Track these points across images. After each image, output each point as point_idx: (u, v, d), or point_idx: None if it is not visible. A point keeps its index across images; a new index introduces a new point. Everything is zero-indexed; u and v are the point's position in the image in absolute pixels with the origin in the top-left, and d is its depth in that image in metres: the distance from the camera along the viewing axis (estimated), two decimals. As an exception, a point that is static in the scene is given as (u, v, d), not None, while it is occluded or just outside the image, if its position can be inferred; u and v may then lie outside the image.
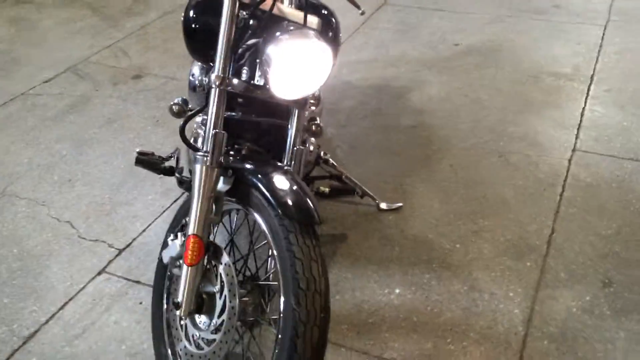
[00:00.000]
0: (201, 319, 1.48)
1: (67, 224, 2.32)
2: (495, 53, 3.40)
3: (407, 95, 3.03)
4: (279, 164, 1.56)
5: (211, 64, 1.74)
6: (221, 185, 1.46)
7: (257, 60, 1.51)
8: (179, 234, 1.50)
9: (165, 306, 1.68)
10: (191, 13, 1.70)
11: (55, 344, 1.83)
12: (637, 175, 2.37)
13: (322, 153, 2.02)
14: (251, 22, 1.50)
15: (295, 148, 1.60)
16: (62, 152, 2.75)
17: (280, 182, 1.40)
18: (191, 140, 2.07)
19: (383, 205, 2.26)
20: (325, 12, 1.76)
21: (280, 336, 1.29)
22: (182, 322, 1.52)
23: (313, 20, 1.56)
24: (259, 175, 1.42)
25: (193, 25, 1.70)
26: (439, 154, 2.58)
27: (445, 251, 2.07)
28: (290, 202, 1.35)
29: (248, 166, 1.45)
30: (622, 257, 2.01)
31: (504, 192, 2.33)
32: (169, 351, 1.62)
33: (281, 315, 1.30)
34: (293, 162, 1.61)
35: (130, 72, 3.46)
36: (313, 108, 1.85)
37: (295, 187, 1.39)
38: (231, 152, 1.85)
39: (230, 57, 1.46)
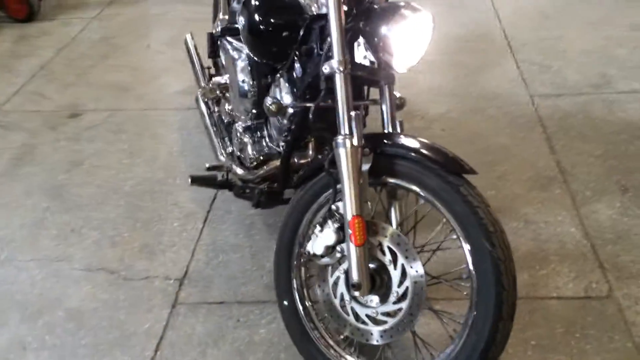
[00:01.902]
0: (368, 298, 1.51)
1: (102, 271, 2.13)
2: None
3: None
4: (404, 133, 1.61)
5: (273, 61, 1.78)
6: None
7: (360, 42, 1.56)
8: (329, 221, 1.51)
9: (300, 306, 1.67)
10: (256, 16, 1.69)
11: (177, 384, 1.71)
12: (591, 104, 2.80)
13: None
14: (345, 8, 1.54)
15: (397, 121, 1.66)
16: (42, 205, 2.48)
17: (424, 146, 1.48)
18: (235, 149, 2.06)
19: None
20: None
21: (479, 281, 1.38)
22: (350, 307, 1.53)
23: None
24: (404, 145, 1.49)
25: (260, 27, 1.69)
26: (425, 123, 2.79)
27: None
28: (446, 160, 1.44)
29: (386, 140, 1.51)
30: (621, 168, 2.38)
31: (500, 140, 2.61)
32: (321, 347, 1.62)
33: (476, 261, 1.38)
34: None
35: (62, 112, 3.18)
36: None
37: (436, 146, 1.48)
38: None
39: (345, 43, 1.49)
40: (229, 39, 2.33)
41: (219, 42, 2.44)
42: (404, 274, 1.46)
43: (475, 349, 1.39)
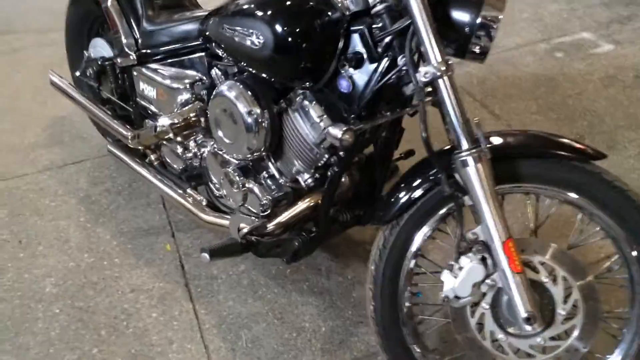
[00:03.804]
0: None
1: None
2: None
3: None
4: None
5: (298, 81, 1.40)
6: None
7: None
8: (469, 254, 1.24)
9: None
10: (277, 27, 1.29)
11: None
12: (495, 66, 2.88)
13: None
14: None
15: (476, 120, 1.40)
16: None
17: (543, 139, 1.31)
18: (232, 199, 1.65)
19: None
20: None
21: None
22: (506, 344, 1.30)
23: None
24: (521, 143, 1.29)
25: (289, 39, 1.29)
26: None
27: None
28: (572, 149, 1.29)
29: (507, 142, 1.28)
30: (563, 118, 2.49)
31: (438, 117, 2.52)
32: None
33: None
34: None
35: None
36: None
37: (555, 136, 1.31)
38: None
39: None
40: (154, 65, 1.85)
41: (134, 73, 1.93)
42: (567, 287, 1.27)
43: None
